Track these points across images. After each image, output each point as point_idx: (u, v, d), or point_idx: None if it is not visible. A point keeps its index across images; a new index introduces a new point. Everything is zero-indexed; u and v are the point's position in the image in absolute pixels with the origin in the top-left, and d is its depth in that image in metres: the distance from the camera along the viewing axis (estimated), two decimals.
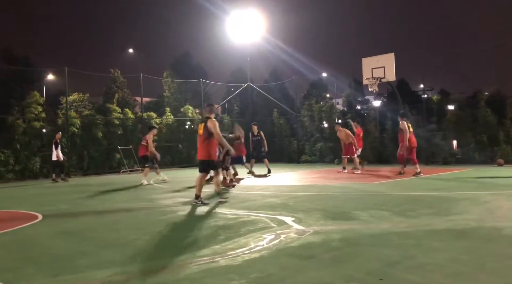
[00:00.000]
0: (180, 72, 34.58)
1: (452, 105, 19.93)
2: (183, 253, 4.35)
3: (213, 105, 8.78)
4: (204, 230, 5.56)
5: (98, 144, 18.04)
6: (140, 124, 19.92)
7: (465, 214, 6.04)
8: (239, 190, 10.21)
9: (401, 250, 4.22)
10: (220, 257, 4.18)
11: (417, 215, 6.12)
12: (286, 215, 6.33)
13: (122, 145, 18.57)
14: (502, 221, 5.45)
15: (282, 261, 3.99)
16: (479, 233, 4.88)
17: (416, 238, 4.72)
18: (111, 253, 4.55)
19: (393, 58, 16.28)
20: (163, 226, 5.98)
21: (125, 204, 8.55)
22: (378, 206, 6.94)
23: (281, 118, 23.36)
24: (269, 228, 5.53)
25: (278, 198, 8.45)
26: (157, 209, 7.59)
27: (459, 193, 8.22)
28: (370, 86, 16.93)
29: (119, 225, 6.30)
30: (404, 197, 8.14)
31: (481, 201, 7.12)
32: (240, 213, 6.72)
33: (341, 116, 22.48)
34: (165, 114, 21.85)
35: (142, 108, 21.13)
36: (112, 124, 19.00)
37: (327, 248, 4.41)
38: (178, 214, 6.98)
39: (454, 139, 17.66)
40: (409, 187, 9.72)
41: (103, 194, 10.72)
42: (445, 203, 7.06)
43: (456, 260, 3.82)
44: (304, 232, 5.18)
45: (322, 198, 8.32)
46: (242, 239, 4.92)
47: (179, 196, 9.33)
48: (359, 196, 8.55)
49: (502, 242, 4.41)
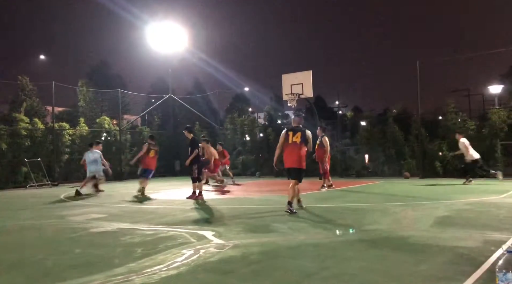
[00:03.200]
0: (97, 81, 33.07)
1: (364, 121, 21.24)
2: (95, 273, 4.08)
3: (302, 116, 8.74)
4: (118, 247, 5.28)
5: (1, 156, 16.54)
6: (50, 135, 18.63)
7: (375, 224, 6.39)
8: (158, 205, 9.90)
9: (317, 261, 4.34)
10: (135, 275, 3.98)
11: (333, 226, 6.36)
12: (206, 230, 6.23)
13: (30, 157, 17.21)
14: (408, 230, 5.84)
15: (201, 277, 3.90)
16: (389, 242, 5.18)
17: (331, 248, 4.89)
18: (13, 276, 4.13)
19: (311, 75, 16.96)
20: (73, 244, 5.58)
21: (31, 221, 7.87)
22: (296, 218, 7.11)
23: (203, 131, 23.23)
24: (188, 243, 5.40)
25: (199, 212, 8.32)
26: (67, 226, 7.08)
27: (371, 205, 8.71)
28: (289, 102, 17.45)
29: (23, 244, 5.76)
30: (321, 208, 8.43)
31: (391, 212, 7.60)
32: (158, 229, 6.50)
33: (263, 130, 22.89)
34: (79, 125, 20.69)
35: (53, 118, 19.81)
36: (18, 135, 17.55)
37: (246, 261, 4.40)
38: (90, 231, 6.57)
39: (366, 153, 18.80)
40: (325, 199, 10.10)
41: (6, 211, 9.80)
42: (358, 214, 7.43)
43: (368, 269, 4.00)
44: (224, 246, 5.13)
45: (243, 211, 8.34)
46: (159, 255, 4.74)
47: (92, 211, 8.81)
48: (279, 208, 8.70)
49: (408, 250, 4.72)
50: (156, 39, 22.59)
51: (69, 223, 7.40)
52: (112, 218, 7.84)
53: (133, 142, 22.40)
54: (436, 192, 11.32)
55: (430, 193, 11.07)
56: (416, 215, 7.20)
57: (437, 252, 4.55)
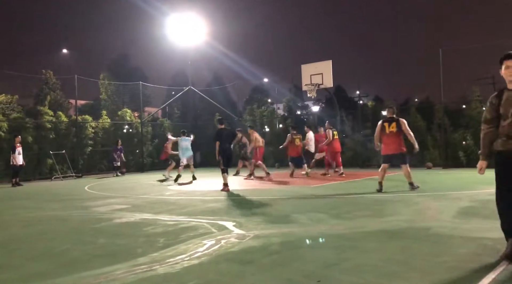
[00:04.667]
0: (118, 74, 33.52)
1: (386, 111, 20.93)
2: (119, 262, 4.18)
3: (393, 107, 9.95)
4: (141, 238, 5.38)
5: (28, 148, 16.97)
6: (74, 128, 19.01)
7: (397, 215, 6.34)
8: (179, 196, 10.03)
9: (338, 251, 4.34)
10: (158, 264, 4.06)
11: (353, 217, 6.33)
12: (227, 220, 6.29)
13: (55, 150, 17.61)
14: (430, 221, 5.77)
15: (222, 267, 3.95)
16: (410, 233, 5.13)
17: (352, 239, 4.88)
18: (39, 265, 4.27)
19: (331, 65, 16.82)
20: (97, 234, 5.72)
21: (56, 212, 8.09)
22: (316, 209, 7.11)
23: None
24: (209, 233, 5.46)
25: (219, 202, 8.40)
26: (91, 217, 7.25)
27: (392, 195, 8.62)
28: (309, 92, 17.37)
29: (50, 234, 5.94)
30: (340, 199, 8.40)
31: (412, 203, 7.51)
32: (180, 219, 6.59)
33: (282, 121, 22.86)
34: (102, 118, 21.04)
35: (76, 111, 20.20)
36: (43, 128, 17.98)
37: (267, 252, 4.43)
38: (114, 221, 6.72)
39: None
40: (345, 190, 10.05)
41: (33, 201, 10.09)
42: (379, 205, 7.37)
43: (389, 260, 3.98)
44: (244, 237, 5.17)
45: (263, 202, 8.38)
46: (181, 245, 4.82)
47: (116, 203, 8.99)
48: (298, 199, 8.71)
49: (429, 241, 4.67)
50: (176, 32, 22.67)
51: (93, 214, 7.58)
52: (135, 208, 7.99)
53: (154, 134, 22.66)
54: (459, 182, 11.13)
55: (453, 183, 10.89)
56: (439, 206, 7.10)
57: (460, 243, 4.49)
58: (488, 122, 4.03)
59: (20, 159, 14.75)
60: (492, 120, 3.98)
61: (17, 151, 14.67)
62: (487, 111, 4.04)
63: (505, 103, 3.83)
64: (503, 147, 3.86)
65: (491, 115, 3.98)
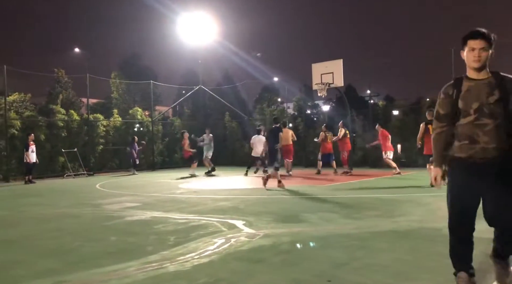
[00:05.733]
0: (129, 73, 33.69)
1: (397, 110, 20.78)
2: (129, 260, 4.22)
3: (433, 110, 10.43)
4: (152, 235, 5.42)
5: (40, 146, 17.16)
6: (85, 126, 19.18)
7: (408, 215, 6.30)
8: (189, 194, 10.07)
9: (348, 251, 4.33)
10: (169, 262, 4.09)
11: (363, 217, 6.30)
12: (237, 219, 6.31)
13: (67, 148, 17.79)
14: (442, 222, 5.70)
15: (232, 265, 3.97)
16: (421, 233, 5.10)
17: (362, 239, 4.86)
18: (51, 262, 4.32)
19: (341, 64, 16.71)
20: (108, 232, 5.77)
21: (69, 209, 8.18)
22: (326, 209, 7.09)
23: (233, 122, 23.35)
24: (219, 232, 5.48)
25: (229, 201, 8.41)
26: (102, 215, 7.32)
27: (403, 195, 8.57)
28: (319, 91, 17.29)
29: (61, 231, 6.01)
30: (351, 199, 8.36)
31: (423, 203, 7.46)
32: (190, 217, 6.62)
33: (292, 120, 22.80)
34: (113, 116, 21.20)
35: (88, 110, 20.37)
36: (55, 126, 18.16)
37: (277, 251, 4.43)
38: (125, 219, 6.77)
39: (398, 143, 18.42)
40: (355, 190, 10.01)
41: (46, 199, 10.21)
42: (389, 205, 7.33)
43: (399, 260, 3.96)
44: (254, 236, 5.18)
45: (273, 201, 8.38)
46: (192, 243, 4.84)
47: (127, 200, 9.06)
48: (308, 198, 8.69)
49: (441, 242, 4.62)
50: (187, 31, 22.74)
51: (104, 211, 7.65)
52: (146, 206, 8.05)
53: (164, 133, 22.77)
54: None
55: None
56: None
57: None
58: (441, 119, 3.14)
59: (33, 157, 14.94)
60: (446, 117, 3.10)
61: (30, 148, 14.86)
62: (439, 106, 3.16)
63: (465, 96, 2.97)
64: (464, 153, 2.96)
65: (445, 110, 3.10)
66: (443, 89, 3.13)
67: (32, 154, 14.83)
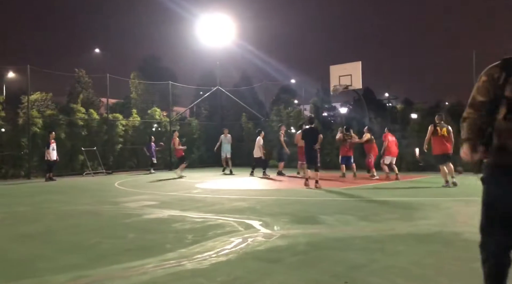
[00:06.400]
0: (148, 74, 34.07)
1: (415, 114, 20.51)
2: (148, 257, 4.27)
3: (442, 114, 11.43)
4: (170, 234, 5.48)
5: (61, 144, 17.49)
6: (105, 126, 19.46)
7: (427, 219, 6.22)
8: (206, 194, 10.14)
9: (365, 253, 4.30)
10: (186, 260, 4.13)
11: (381, 219, 6.25)
12: (253, 219, 6.33)
13: (86, 146, 18.08)
14: (461, 226, 5.64)
15: (249, 265, 3.98)
16: (440, 237, 5.03)
17: (380, 242, 4.82)
18: (72, 257, 4.41)
19: (360, 66, 16.63)
20: (127, 229, 5.85)
21: (88, 206, 8.32)
22: (344, 211, 7.05)
23: (249, 123, 23.39)
24: (236, 231, 5.51)
25: (245, 201, 8.44)
26: (122, 212, 7.42)
27: (422, 199, 8.46)
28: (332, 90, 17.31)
29: (81, 228, 6.11)
30: (369, 202, 8.30)
31: (442, 207, 7.35)
32: (207, 217, 6.67)
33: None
34: (132, 116, 21.46)
35: (107, 109, 20.67)
36: (76, 125, 18.48)
37: (293, 251, 4.43)
38: (144, 217, 6.86)
39: (416, 147, 18.17)
40: (373, 192, 9.92)
41: (66, 196, 10.40)
42: (408, 208, 7.25)
43: (418, 263, 3.92)
44: (271, 236, 5.19)
45: (289, 202, 8.37)
46: (209, 242, 4.88)
47: (145, 199, 9.16)
48: (325, 200, 8.66)
49: (461, 246, 4.57)
50: (205, 32, 22.89)
51: (123, 209, 7.75)
52: (164, 205, 8.13)
53: (182, 133, 22.95)
54: None
55: None
56: (470, 211, 6.91)
57: None
58: (475, 107, 2.51)
59: (54, 155, 15.23)
60: (482, 106, 2.45)
61: (51, 146, 15.16)
62: (477, 90, 2.50)
63: None
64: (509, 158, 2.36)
65: (484, 96, 2.44)
66: (486, 70, 2.48)
67: (53, 152, 15.12)
